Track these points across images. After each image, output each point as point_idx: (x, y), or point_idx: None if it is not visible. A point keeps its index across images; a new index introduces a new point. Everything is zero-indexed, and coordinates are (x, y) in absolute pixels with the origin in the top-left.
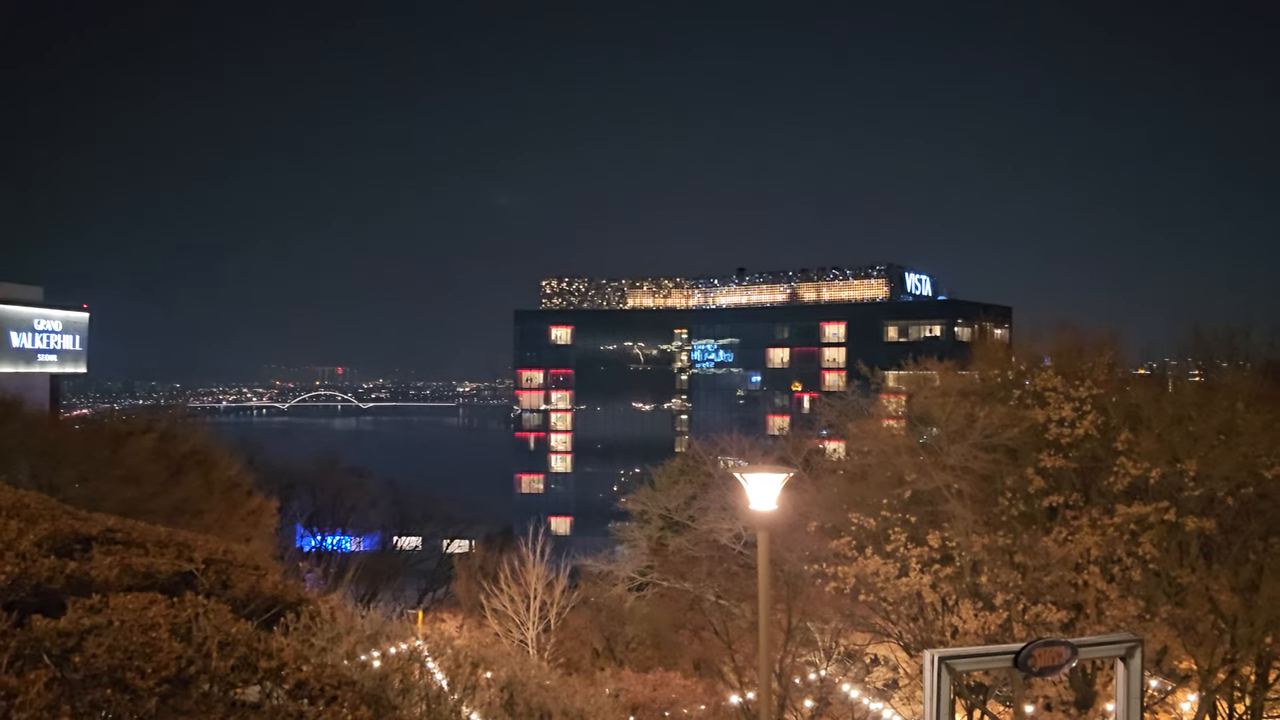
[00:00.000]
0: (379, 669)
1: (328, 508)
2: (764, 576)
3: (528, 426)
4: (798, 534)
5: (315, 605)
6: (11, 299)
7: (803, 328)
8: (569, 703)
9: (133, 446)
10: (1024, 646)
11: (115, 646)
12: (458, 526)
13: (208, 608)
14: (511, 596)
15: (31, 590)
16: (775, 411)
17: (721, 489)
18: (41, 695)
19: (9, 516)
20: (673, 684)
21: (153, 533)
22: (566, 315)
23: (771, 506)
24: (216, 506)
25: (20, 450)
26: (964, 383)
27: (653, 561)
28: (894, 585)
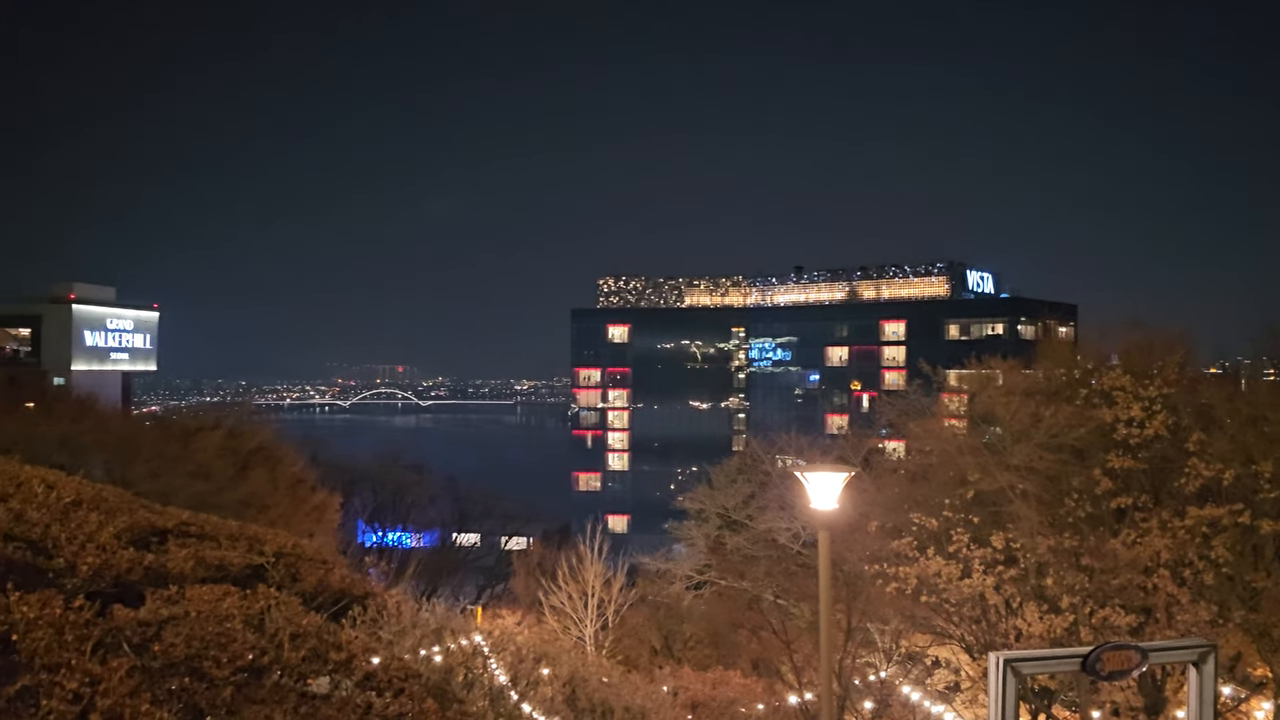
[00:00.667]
0: (444, 663)
1: (389, 504)
2: (825, 576)
3: (585, 425)
4: (858, 534)
5: (381, 599)
6: (86, 299)
7: (862, 326)
8: (630, 699)
9: (201, 443)
10: (1092, 650)
11: (192, 636)
12: (516, 524)
13: (279, 600)
14: (570, 594)
15: (111, 581)
16: (834, 410)
17: (780, 488)
18: (123, 682)
19: (89, 510)
20: (732, 683)
21: (225, 527)
22: (624, 314)
23: (832, 506)
24: (282, 502)
25: (95, 445)
26: (1028, 382)
27: (710, 560)
28: (957, 586)
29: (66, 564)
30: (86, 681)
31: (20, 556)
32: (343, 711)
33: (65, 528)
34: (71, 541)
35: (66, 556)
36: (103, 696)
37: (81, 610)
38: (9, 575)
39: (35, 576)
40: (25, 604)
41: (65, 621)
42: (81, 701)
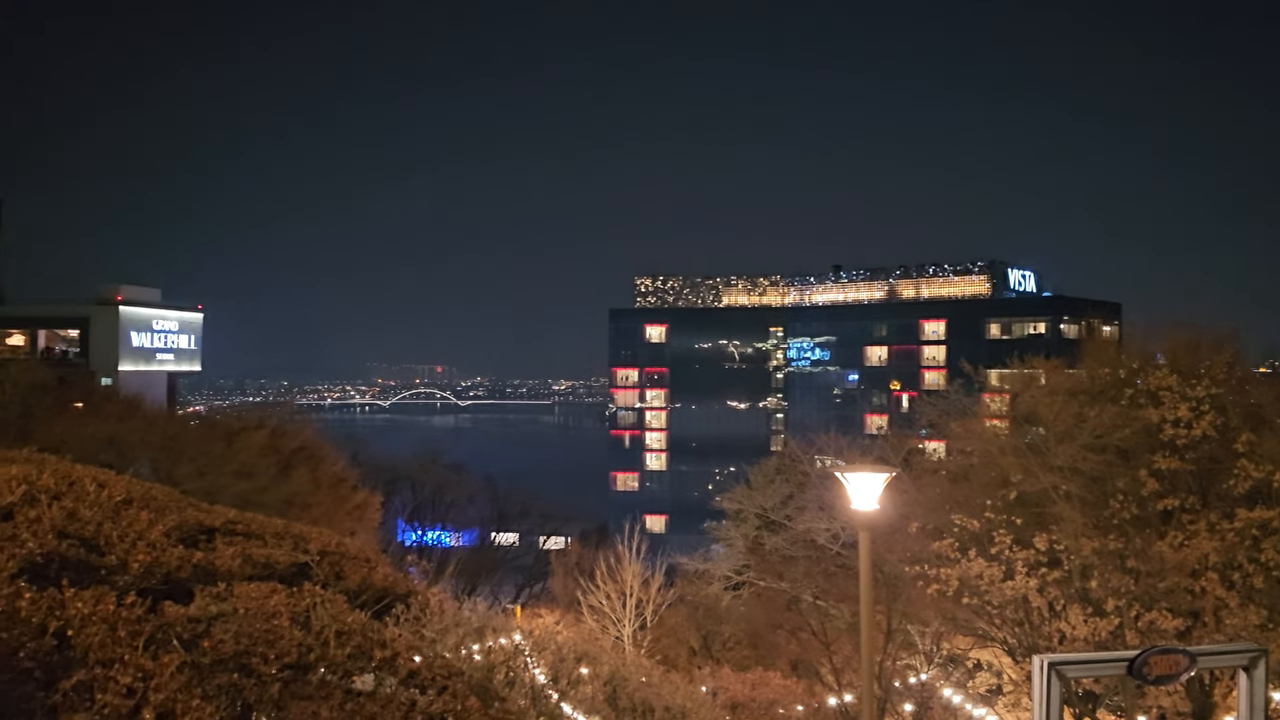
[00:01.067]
0: (485, 661)
1: (428, 503)
2: (865, 578)
3: (623, 425)
4: (898, 535)
5: (424, 597)
6: (132, 300)
7: (901, 325)
8: (670, 699)
9: (245, 442)
10: (1139, 654)
11: (241, 633)
12: (554, 523)
13: (325, 598)
14: (608, 593)
15: (162, 578)
16: (873, 410)
17: (818, 488)
18: (174, 678)
19: (140, 508)
20: (772, 684)
21: (270, 525)
22: (661, 314)
23: (873, 506)
24: (324, 500)
25: (142, 445)
26: (1072, 381)
27: (749, 560)
28: (999, 588)
29: (118, 561)
30: (139, 676)
31: (74, 554)
32: (387, 708)
33: (117, 526)
34: (123, 539)
35: (118, 554)
36: (155, 691)
37: (133, 607)
38: (63, 572)
39: (88, 573)
40: (80, 600)
41: (118, 618)
42: (135, 696)
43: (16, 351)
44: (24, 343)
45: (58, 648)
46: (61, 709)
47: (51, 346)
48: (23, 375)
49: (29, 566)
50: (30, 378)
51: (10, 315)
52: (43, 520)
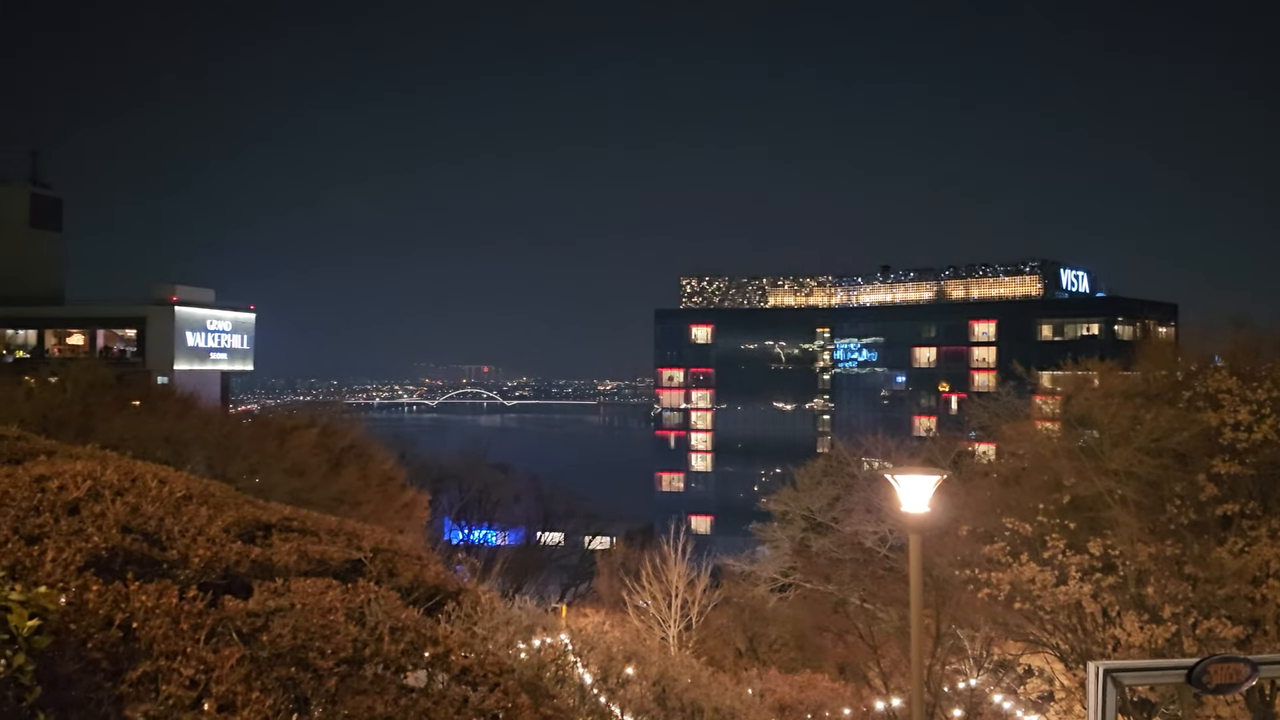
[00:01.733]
0: (536, 659)
1: (475, 502)
2: (915, 581)
3: (668, 425)
4: (948, 538)
5: (475, 595)
6: (187, 301)
7: (950, 326)
8: (719, 700)
9: (296, 440)
10: (1198, 662)
11: (298, 628)
12: (599, 523)
13: (378, 594)
14: (653, 594)
15: (221, 573)
16: (921, 412)
17: (866, 490)
18: (234, 670)
19: (199, 504)
20: (819, 686)
21: (324, 522)
22: (707, 314)
23: (924, 509)
24: (373, 499)
25: (198, 442)
26: (1127, 383)
27: (795, 562)
28: (1051, 594)
29: (179, 556)
30: (201, 669)
31: (137, 548)
32: (440, 704)
33: (178, 521)
34: (184, 534)
35: (179, 549)
36: (216, 684)
37: (195, 600)
38: (127, 566)
39: (151, 567)
40: (144, 593)
41: (181, 611)
42: (197, 688)
43: (76, 351)
44: (83, 342)
45: (123, 639)
46: (128, 699)
47: (110, 346)
48: (83, 374)
49: (94, 560)
50: (90, 376)
51: (70, 315)
52: (107, 515)
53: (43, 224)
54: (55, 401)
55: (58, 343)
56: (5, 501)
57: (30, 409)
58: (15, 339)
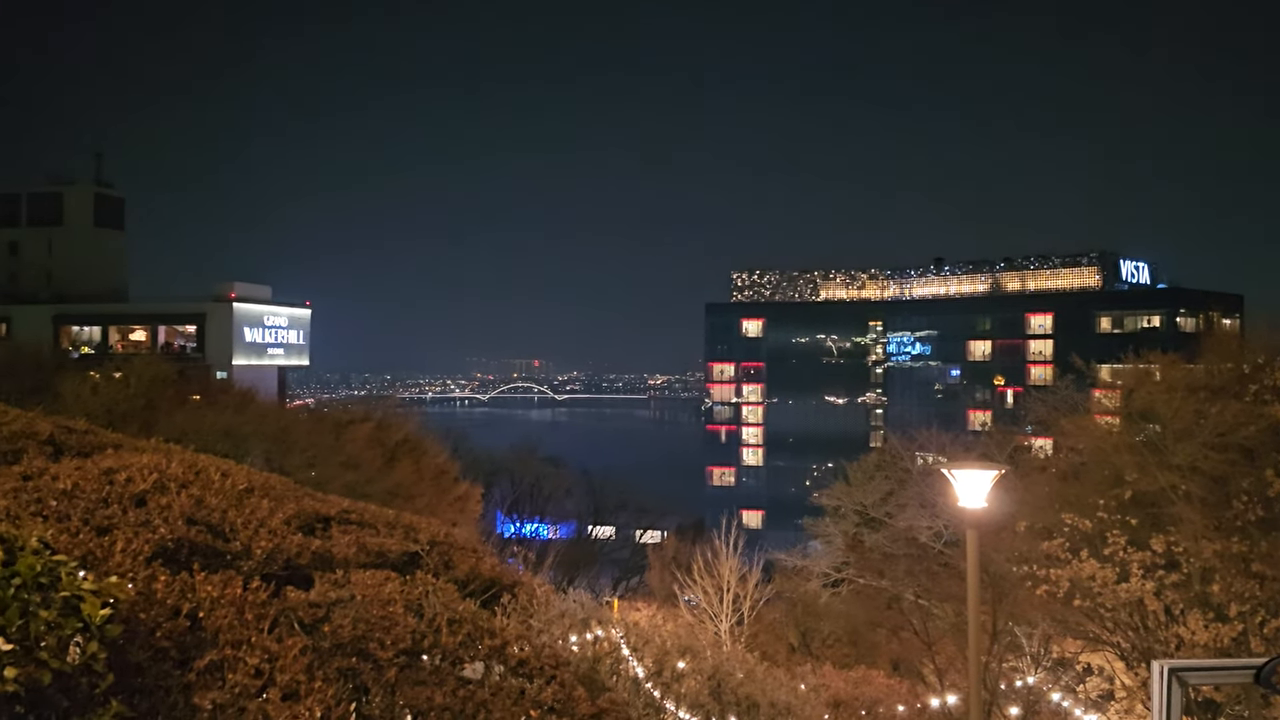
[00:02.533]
0: (592, 652)
1: (526, 496)
2: (973, 577)
3: (719, 419)
4: (1004, 534)
5: (530, 588)
6: (245, 298)
7: (1006, 319)
8: (774, 694)
9: (352, 434)
10: (1269, 661)
11: (359, 619)
12: (650, 517)
13: (436, 586)
14: (705, 588)
15: (282, 564)
16: (976, 406)
17: (920, 485)
18: (297, 660)
19: (260, 496)
20: (875, 682)
21: (382, 515)
22: (758, 308)
23: (981, 504)
24: (426, 492)
25: (256, 436)
26: (1191, 377)
27: (848, 558)
28: (1112, 591)
29: (242, 547)
30: (266, 658)
31: (201, 539)
32: (497, 696)
33: (240, 513)
34: (246, 526)
35: (242, 540)
36: (280, 673)
37: (258, 591)
38: (192, 556)
39: (215, 558)
40: (209, 584)
41: (245, 601)
42: (262, 677)
43: (139, 347)
44: (146, 338)
45: (190, 628)
46: (196, 687)
47: (171, 342)
48: (146, 369)
49: (161, 551)
50: (153, 372)
51: (133, 313)
52: (173, 507)
53: (106, 223)
54: (119, 396)
55: (121, 339)
56: (76, 494)
57: (96, 404)
58: (81, 336)
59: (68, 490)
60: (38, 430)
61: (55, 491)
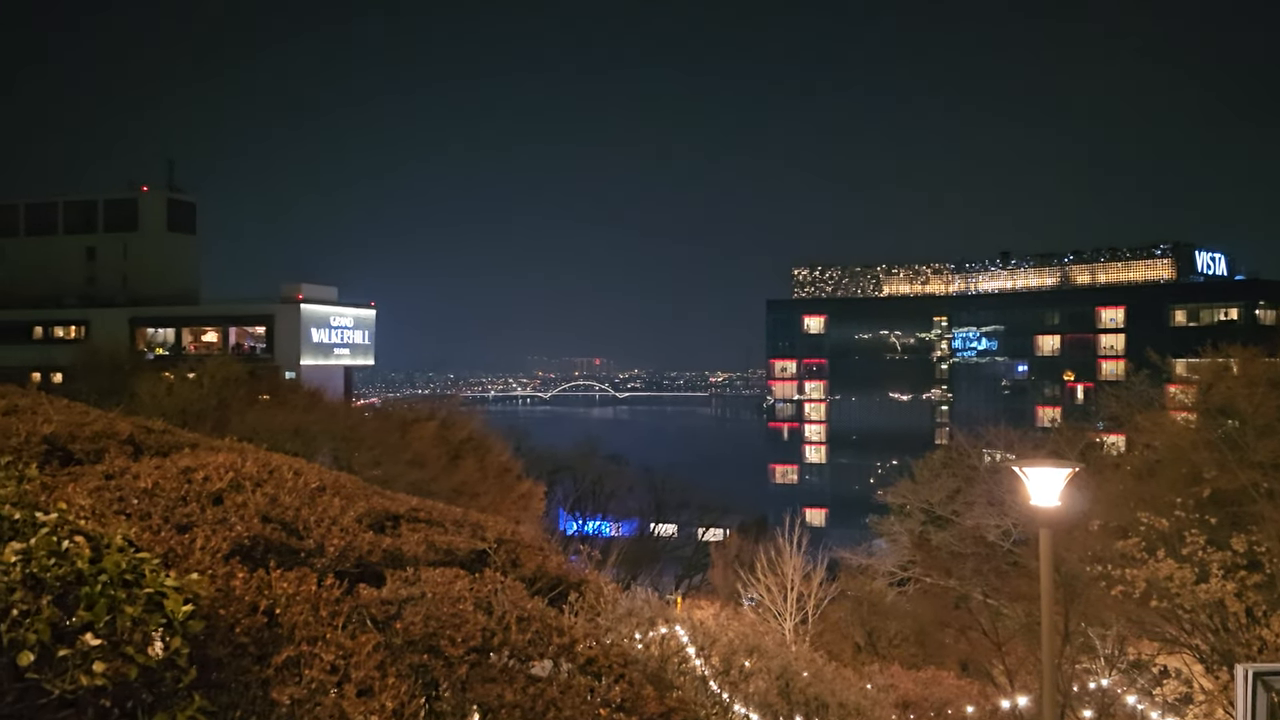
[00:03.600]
0: (660, 651)
1: (589, 493)
2: (1046, 577)
3: (781, 416)
4: (1077, 533)
5: (597, 585)
6: (312, 299)
7: (1076, 313)
8: (844, 695)
9: (417, 433)
10: None
11: (430, 616)
12: (713, 515)
13: (504, 584)
14: (768, 586)
15: (354, 562)
16: (1045, 402)
17: (988, 483)
18: (371, 656)
19: (332, 495)
20: (944, 683)
21: (450, 513)
22: (820, 304)
23: (1054, 503)
24: (490, 490)
25: (324, 435)
26: (1273, 370)
27: (914, 556)
28: (1191, 592)
29: (316, 545)
30: (341, 655)
31: (276, 537)
32: (567, 694)
33: (313, 511)
34: (319, 524)
35: (315, 538)
36: (355, 669)
37: (332, 588)
38: (268, 554)
39: (289, 556)
40: (285, 580)
41: (319, 598)
42: (338, 673)
43: (211, 348)
44: (217, 339)
45: (267, 625)
46: (273, 682)
47: (241, 342)
48: (218, 370)
49: (238, 548)
50: (224, 372)
51: (205, 314)
52: (248, 505)
53: (179, 227)
54: (193, 396)
55: (194, 340)
56: (156, 492)
57: (171, 404)
58: (155, 337)
59: (148, 489)
60: (118, 430)
61: (136, 490)
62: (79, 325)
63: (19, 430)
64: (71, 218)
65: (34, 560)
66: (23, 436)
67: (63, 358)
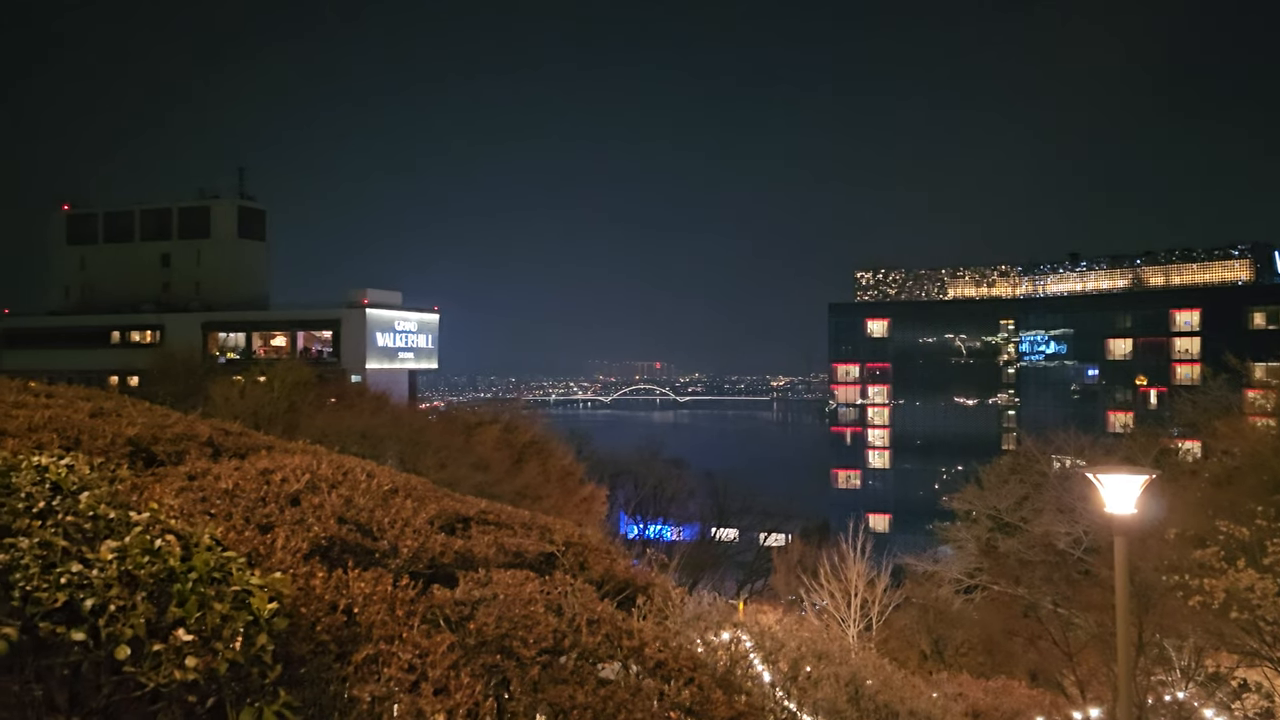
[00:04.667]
0: (728, 655)
1: (650, 497)
2: (1122, 586)
3: (843, 421)
4: (1151, 541)
5: (665, 589)
6: (377, 304)
7: (1148, 316)
8: (914, 703)
9: (481, 436)
10: None
11: (502, 617)
12: (774, 520)
13: (574, 586)
14: (831, 592)
15: (427, 563)
16: (1116, 407)
17: (1057, 489)
18: (446, 656)
19: (404, 496)
20: (1015, 693)
21: (518, 515)
22: (883, 307)
23: (1131, 510)
24: (553, 493)
25: (391, 438)
26: None
27: (981, 563)
28: (1273, 603)
29: (389, 546)
30: (418, 654)
31: (351, 538)
32: (637, 697)
33: (386, 513)
34: (392, 526)
35: (389, 539)
36: (431, 668)
37: (407, 588)
38: (344, 554)
39: (364, 556)
40: (361, 580)
41: (395, 598)
42: (415, 672)
43: (280, 352)
44: (285, 344)
45: (346, 623)
46: (354, 680)
47: (309, 346)
48: (288, 373)
49: (316, 548)
50: (294, 376)
51: (274, 319)
52: (324, 506)
53: (249, 234)
54: (265, 399)
55: (263, 344)
56: (236, 493)
57: (244, 406)
58: (227, 341)
59: (229, 490)
60: (198, 432)
61: (218, 491)
62: (154, 330)
63: (105, 432)
64: (147, 225)
65: (129, 558)
66: (109, 438)
67: (139, 362)
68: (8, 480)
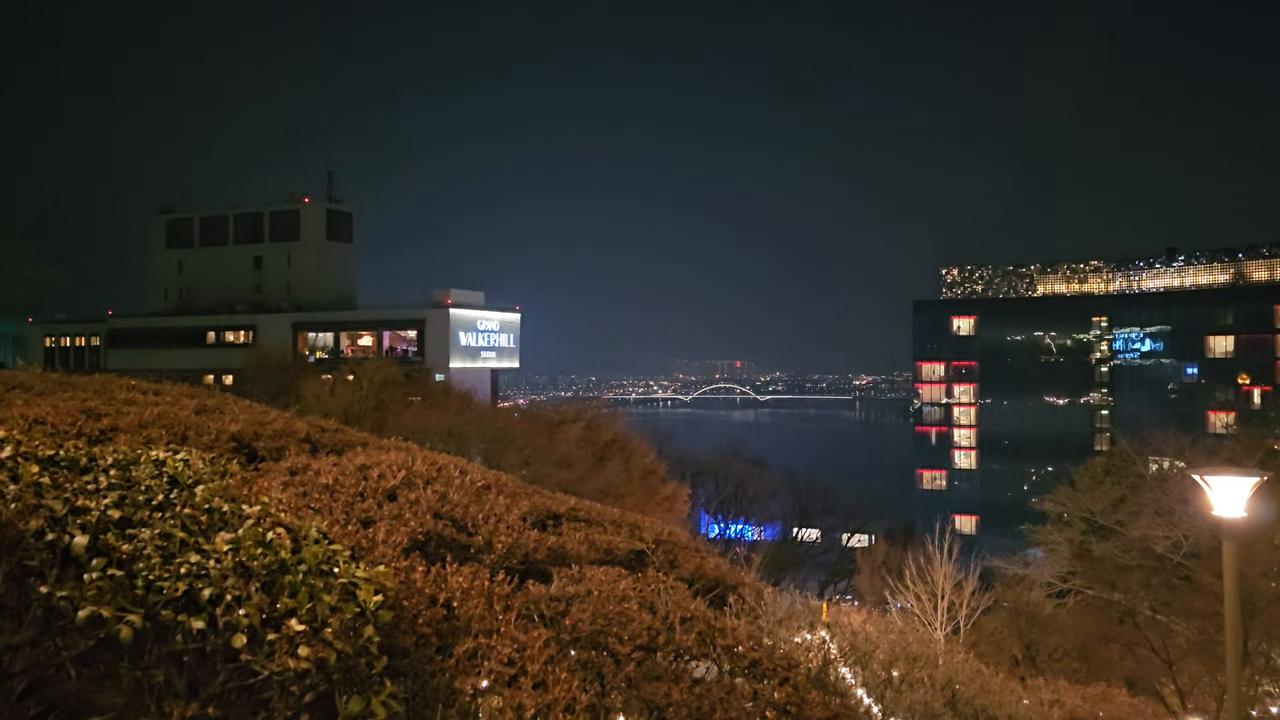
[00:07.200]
0: (821, 656)
1: (731, 497)
2: (1230, 592)
3: (928, 421)
4: (1258, 546)
5: (757, 588)
6: (460, 303)
7: (1252, 312)
8: (1013, 709)
9: (564, 435)
10: None
11: (597, 613)
12: (857, 520)
13: (667, 584)
14: (917, 594)
15: (520, 559)
16: (1217, 407)
17: (1155, 491)
18: (543, 651)
19: (496, 493)
20: (1115, 701)
21: (607, 513)
22: (969, 304)
23: (1240, 514)
24: (636, 491)
25: (475, 436)
26: None
27: (1075, 567)
28: None
29: (484, 542)
30: (516, 648)
31: (447, 533)
32: (732, 696)
33: (480, 509)
34: (486, 522)
35: (483, 535)
36: (530, 662)
37: (503, 584)
38: (440, 549)
39: (459, 551)
40: (459, 575)
41: (492, 593)
42: (514, 666)
43: (366, 351)
44: (372, 343)
45: (446, 617)
46: (456, 672)
47: (394, 346)
48: (376, 372)
49: (414, 543)
50: (382, 374)
51: (361, 319)
52: (420, 502)
53: (336, 236)
54: (354, 397)
55: (350, 344)
56: (336, 488)
57: (334, 404)
58: (316, 341)
59: (329, 485)
60: (296, 429)
61: (318, 486)
62: (248, 330)
63: (210, 429)
64: (241, 229)
65: (243, 549)
66: (213, 434)
67: (234, 361)
68: (128, 474)
